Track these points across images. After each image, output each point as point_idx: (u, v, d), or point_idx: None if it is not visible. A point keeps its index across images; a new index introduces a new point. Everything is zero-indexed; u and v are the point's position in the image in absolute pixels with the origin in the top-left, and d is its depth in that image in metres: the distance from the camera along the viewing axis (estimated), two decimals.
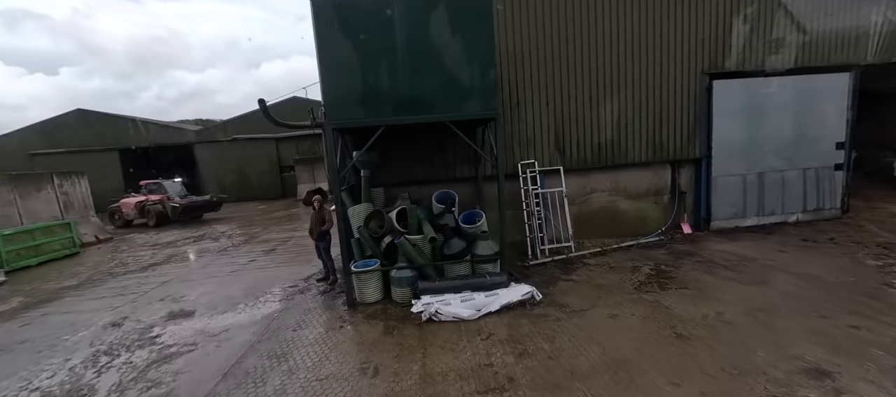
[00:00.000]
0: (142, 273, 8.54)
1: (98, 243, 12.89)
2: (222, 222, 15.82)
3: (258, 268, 8.09)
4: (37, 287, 8.01)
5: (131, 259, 10.09)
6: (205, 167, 24.26)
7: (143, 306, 6.26)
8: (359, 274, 5.49)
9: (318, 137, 24.25)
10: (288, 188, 24.45)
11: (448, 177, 7.30)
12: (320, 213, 6.46)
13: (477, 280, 5.34)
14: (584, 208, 7.82)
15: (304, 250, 9.36)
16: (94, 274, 8.82)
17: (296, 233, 11.67)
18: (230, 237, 12.14)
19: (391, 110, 5.09)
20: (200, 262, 9.04)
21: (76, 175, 13.17)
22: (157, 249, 11.04)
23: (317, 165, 23.30)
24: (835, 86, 7.84)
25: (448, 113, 5.17)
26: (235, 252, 9.90)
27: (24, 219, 11.27)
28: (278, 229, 12.91)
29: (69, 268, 9.65)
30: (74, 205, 12.92)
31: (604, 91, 7.38)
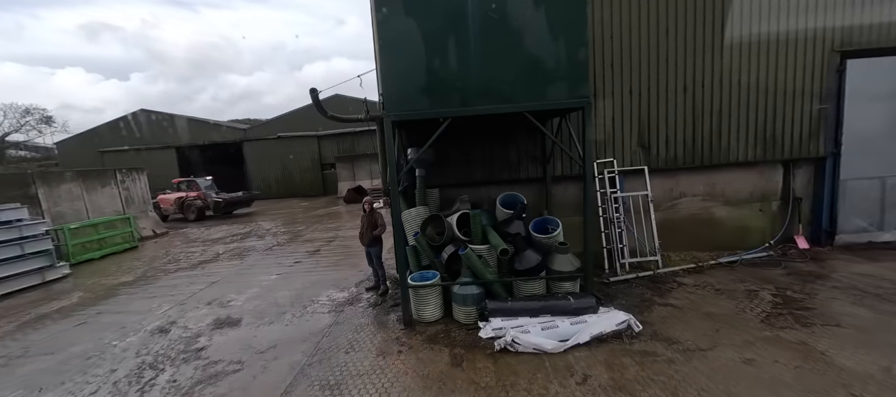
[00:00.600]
0: (192, 271, 8.47)
1: (155, 237, 13.36)
2: (267, 219, 16.00)
3: (304, 271, 7.69)
4: (97, 282, 8.14)
5: (183, 255, 10.18)
6: (252, 164, 25.07)
7: (191, 309, 5.99)
8: (417, 289, 4.79)
9: (359, 135, 24.26)
10: (329, 185, 24.68)
11: (511, 177, 6.43)
12: (371, 217, 5.84)
13: (558, 302, 4.44)
14: (671, 215, 6.63)
15: (350, 252, 8.90)
16: (149, 270, 8.90)
17: (339, 234, 11.33)
18: (275, 235, 12.05)
19: (459, 100, 4.31)
20: (247, 262, 8.85)
21: (136, 171, 13.75)
22: (206, 246, 11.14)
23: (357, 163, 23.27)
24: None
25: (527, 102, 4.30)
26: (281, 251, 9.66)
27: (90, 213, 11.83)
28: (321, 228, 12.69)
29: (127, 262, 9.89)
30: (134, 200, 13.49)
31: (702, 76, 6.15)
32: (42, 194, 10.53)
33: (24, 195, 10.17)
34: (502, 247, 4.58)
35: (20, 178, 10.21)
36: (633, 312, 4.51)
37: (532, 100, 4.31)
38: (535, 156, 6.33)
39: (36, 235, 8.27)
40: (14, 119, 38.38)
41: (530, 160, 6.38)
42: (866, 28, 6.03)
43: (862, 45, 6.06)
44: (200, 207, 16.65)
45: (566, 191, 6.58)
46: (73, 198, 11.35)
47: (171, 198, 17.18)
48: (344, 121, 5.59)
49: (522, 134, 6.30)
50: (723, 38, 6.08)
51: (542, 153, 6.28)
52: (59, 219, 10.85)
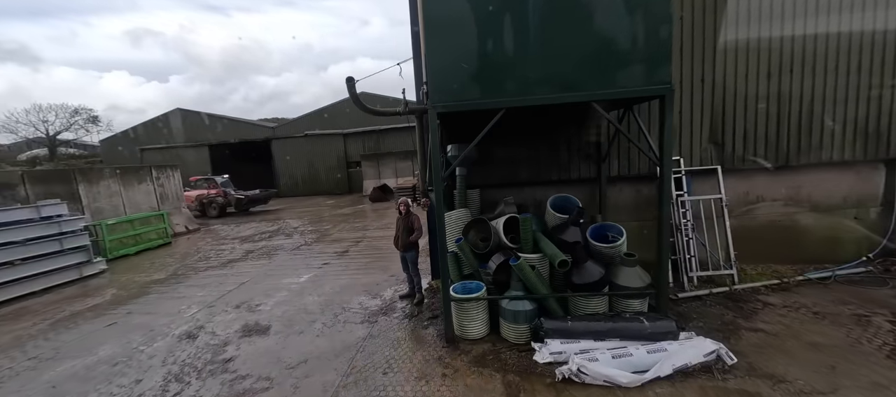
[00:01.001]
0: (221, 269, 8.33)
1: (187, 233, 13.55)
2: (294, 216, 15.98)
3: (333, 274, 7.34)
4: (130, 279, 8.14)
5: (213, 253, 10.13)
6: (280, 162, 25.41)
7: (219, 313, 5.73)
8: (461, 302, 4.26)
9: (384, 133, 24.04)
10: (354, 184, 24.65)
11: (560, 177, 5.79)
12: (407, 220, 5.37)
13: (629, 325, 3.79)
14: (745, 222, 5.78)
15: (379, 255, 8.50)
16: (180, 267, 8.85)
17: (367, 234, 11.00)
18: (302, 234, 11.88)
19: (516, 87, 3.73)
20: (275, 262, 8.63)
21: (170, 168, 13.99)
22: (236, 244, 11.09)
23: (382, 161, 23.08)
24: None
25: (594, 89, 3.67)
26: (308, 251, 9.41)
27: (127, 208, 12.07)
28: (348, 228, 12.42)
29: (160, 258, 9.94)
30: (169, 197, 13.72)
31: (790, 60, 5.28)
32: (83, 190, 10.78)
33: (67, 191, 10.43)
34: (561, 259, 3.97)
35: (63, 175, 10.49)
36: (718, 338, 3.80)
37: (601, 88, 3.67)
38: (588, 153, 5.65)
39: (74, 231, 8.36)
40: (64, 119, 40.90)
41: (582, 158, 5.71)
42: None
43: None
44: (222, 204, 17.30)
45: (621, 193, 5.86)
46: (111, 194, 11.60)
47: (192, 195, 17.60)
48: (381, 114, 5.12)
49: (574, 128, 5.64)
50: (816, 16, 5.18)
51: (596, 150, 5.60)
52: (98, 215, 11.09)
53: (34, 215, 7.85)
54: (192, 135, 25.74)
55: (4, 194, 9.04)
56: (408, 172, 22.85)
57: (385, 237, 10.32)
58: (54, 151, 39.65)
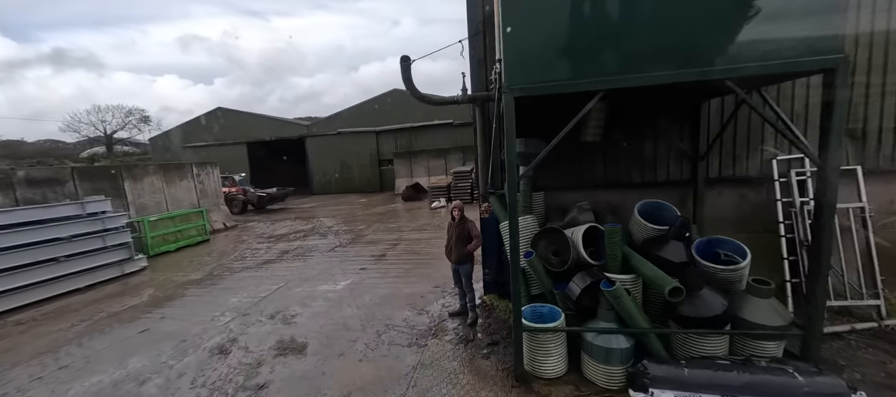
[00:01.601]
0: (257, 270, 8.00)
1: (225, 230, 13.60)
2: (328, 215, 15.75)
3: (371, 281, 6.75)
4: (168, 278, 7.98)
5: (249, 252, 9.91)
6: (314, 159, 25.58)
7: (253, 323, 5.27)
8: (535, 333, 3.45)
9: (417, 131, 23.49)
10: (386, 182, 24.35)
11: (644, 179, 4.82)
12: (462, 227, 4.60)
13: (776, 379, 2.82)
14: (891, 236, 4.54)
15: (418, 260, 7.84)
16: (216, 267, 8.64)
17: (403, 236, 10.40)
18: (337, 234, 11.49)
19: (619, 63, 2.86)
20: (310, 263, 8.19)
21: (210, 165, 14.12)
22: (271, 243, 10.86)
23: (415, 160, 22.59)
24: None
25: (730, 62, 2.73)
26: (344, 254, 8.92)
27: (169, 205, 12.20)
28: (383, 228, 11.90)
29: (199, 256, 9.84)
30: (208, 194, 13.84)
31: None
32: (128, 187, 10.94)
33: (114, 187, 10.60)
34: (673, 286, 3.05)
35: (110, 171, 10.68)
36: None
37: (738, 62, 2.72)
38: (682, 150, 4.64)
39: (117, 228, 8.33)
40: (119, 119, 43.91)
41: (673, 156, 4.71)
42: None
43: None
44: (244, 201, 17.96)
45: (720, 198, 4.80)
46: (154, 191, 11.75)
47: None
48: (436, 102, 4.40)
49: (663, 119, 4.65)
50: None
51: (692, 146, 4.58)
52: (142, 211, 11.24)
53: (80, 211, 7.85)
54: (231, 133, 26.49)
55: (55, 189, 9.22)
56: (440, 171, 22.21)
57: (422, 240, 9.68)
58: (111, 149, 42.66)
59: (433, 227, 11.30)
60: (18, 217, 6.91)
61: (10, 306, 6.41)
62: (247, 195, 18.19)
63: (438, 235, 10.09)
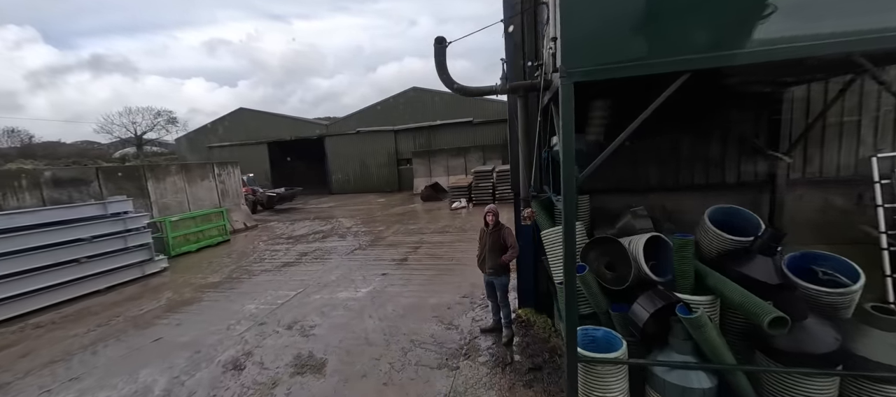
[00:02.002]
0: (276, 274, 7.73)
1: (245, 230, 13.56)
2: (346, 215, 15.53)
3: (394, 288, 6.33)
4: (187, 280, 7.82)
5: (268, 254, 9.71)
6: (332, 159, 25.57)
7: (269, 334, 4.93)
8: (592, 364, 2.91)
9: (436, 130, 23.07)
10: (404, 182, 24.05)
11: (709, 180, 4.19)
12: (496, 235, 4.10)
13: None
14: None
15: (442, 266, 7.37)
16: (235, 269, 8.44)
17: (424, 239, 9.96)
18: (356, 236, 11.17)
19: (706, 40, 2.29)
20: (329, 266, 7.86)
21: (231, 165, 14.12)
22: (290, 244, 10.64)
23: (434, 159, 22.17)
24: None
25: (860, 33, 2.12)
26: (364, 257, 8.56)
27: (191, 205, 12.21)
28: (403, 230, 11.51)
29: (218, 257, 9.71)
30: (229, 193, 13.83)
31: None
32: (151, 186, 10.97)
33: (137, 187, 10.64)
34: (775, 315, 2.45)
35: (134, 171, 10.72)
36: None
37: (873, 30, 2.11)
38: (758, 147, 3.98)
39: (138, 228, 8.25)
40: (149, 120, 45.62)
41: (746, 153, 4.05)
42: None
43: None
44: (253, 201, 18.19)
45: (801, 202, 4.11)
46: (177, 191, 11.77)
47: None
48: (472, 93, 3.87)
49: (734, 110, 4.01)
50: None
51: (771, 142, 3.91)
52: (164, 211, 11.26)
53: (102, 212, 7.79)
54: (253, 133, 26.82)
55: (80, 189, 9.26)
56: (460, 170, 21.70)
57: (445, 244, 9.21)
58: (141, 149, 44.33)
59: (455, 229, 10.82)
60: (42, 217, 6.86)
61: (32, 308, 6.35)
62: (256, 195, 18.59)
63: (461, 238, 9.60)
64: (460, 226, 11.39)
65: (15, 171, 8.19)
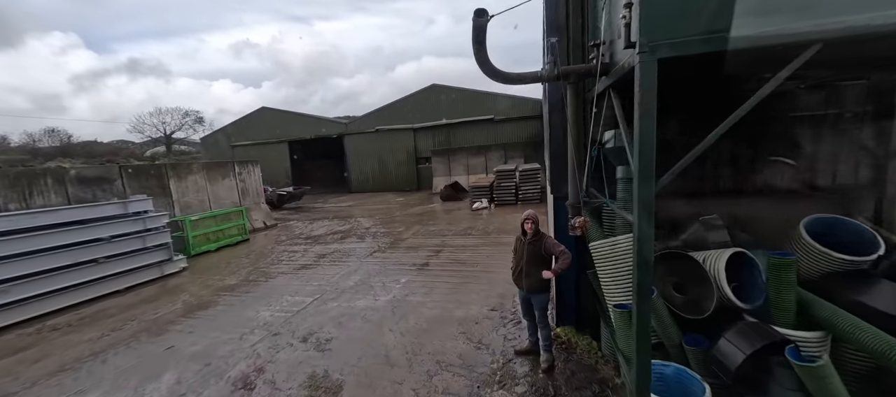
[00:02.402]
0: (293, 277, 7.44)
1: (265, 229, 13.48)
2: (365, 214, 15.25)
3: (416, 297, 5.88)
4: (204, 282, 7.64)
5: (285, 255, 9.48)
6: (352, 157, 25.48)
7: (283, 346, 4.57)
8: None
9: (455, 127, 22.56)
10: (423, 180, 23.67)
11: (792, 183, 3.50)
12: (537, 246, 3.54)
13: None
14: None
15: (467, 274, 6.87)
16: (253, 270, 8.22)
17: (446, 242, 9.48)
18: (375, 236, 10.82)
19: None
20: (348, 269, 7.50)
21: (251, 163, 14.08)
22: (308, 244, 10.40)
23: (453, 157, 21.67)
24: None
25: None
26: (383, 260, 8.17)
27: (212, 203, 12.19)
28: (423, 231, 11.07)
29: (237, 257, 9.56)
30: (249, 192, 13.79)
31: None
32: (173, 185, 10.97)
33: (159, 185, 10.65)
34: None
35: (156, 169, 10.74)
36: None
37: None
38: (862, 143, 3.26)
39: (158, 228, 8.14)
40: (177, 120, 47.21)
41: (845, 148, 3.34)
42: None
43: None
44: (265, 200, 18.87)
45: None
46: (198, 189, 11.77)
47: None
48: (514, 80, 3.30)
49: (832, 96, 3.31)
50: None
51: (880, 139, 3.19)
52: (186, 209, 11.26)
53: (122, 211, 7.71)
54: (274, 132, 27.10)
55: (104, 188, 9.29)
56: (480, 169, 21.12)
57: (468, 248, 8.70)
58: (170, 148, 45.94)
59: (478, 232, 10.30)
60: (62, 217, 6.79)
61: (50, 309, 6.27)
62: (267, 194, 18.81)
63: (485, 241, 9.07)
64: (483, 228, 10.85)
65: (41, 170, 8.24)
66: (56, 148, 36.32)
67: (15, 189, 7.82)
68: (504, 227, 10.63)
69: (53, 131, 39.83)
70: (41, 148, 36.36)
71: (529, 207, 14.89)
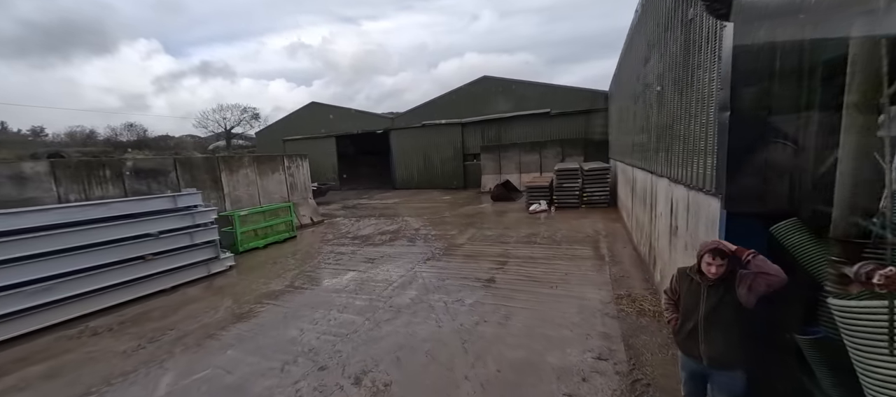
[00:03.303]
0: (340, 283, 6.62)
1: (312, 225, 13.07)
2: (412, 213, 14.38)
3: (489, 328, 4.71)
4: (248, 285, 7.06)
5: (332, 257, 8.77)
6: (397, 153, 24.94)
7: (332, 390, 3.61)
8: None
9: (507, 122, 21.02)
10: (470, 178, 22.49)
11: None
12: (727, 290, 2.17)
13: None
14: None
15: (544, 292, 5.56)
16: (299, 274, 7.55)
17: (509, 250, 8.22)
18: (426, 240, 9.82)
19: None
20: (400, 279, 6.53)
21: (300, 157, 13.74)
22: (356, 246, 9.64)
23: (504, 154, 20.23)
24: None
25: None
26: (439, 270, 7.09)
27: (261, 198, 11.93)
28: (480, 236, 9.89)
29: (284, 256, 9.03)
30: (297, 187, 13.46)
31: None
32: (224, 179, 10.76)
33: (212, 179, 10.47)
34: None
35: (209, 162, 10.58)
36: None
37: None
38: None
39: (206, 223, 7.73)
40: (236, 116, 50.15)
41: None
42: None
43: None
44: None
45: None
46: (248, 183, 11.53)
47: None
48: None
49: None
50: None
51: None
52: (236, 203, 11.03)
53: (171, 205, 7.34)
54: (323, 127, 27.34)
55: (159, 180, 9.16)
56: (533, 167, 19.50)
57: (537, 260, 7.38)
58: (229, 142, 48.94)
59: (544, 240, 8.91)
60: (112, 210, 6.47)
61: (95, 308, 5.92)
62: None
63: (556, 253, 7.68)
64: (548, 234, 9.43)
65: (97, 162, 8.17)
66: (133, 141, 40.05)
67: (76, 180, 7.76)
68: (573, 235, 9.14)
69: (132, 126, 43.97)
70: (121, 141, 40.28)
71: (595, 211, 12.91)
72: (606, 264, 6.84)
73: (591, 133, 18.84)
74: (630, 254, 7.40)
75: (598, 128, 18.71)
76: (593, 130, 18.83)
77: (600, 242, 8.42)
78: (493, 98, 21.22)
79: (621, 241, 8.39)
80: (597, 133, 18.68)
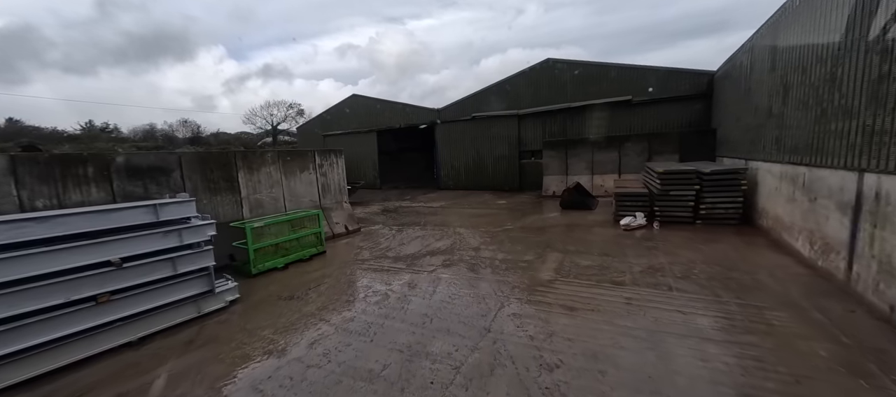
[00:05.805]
0: (378, 350, 4.11)
1: (346, 235, 10.88)
2: (464, 222, 11.69)
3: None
4: (256, 326, 4.78)
5: (367, 277, 6.35)
6: (443, 149, 22.45)
7: None
8: None
9: (575, 113, 17.52)
10: (527, 179, 19.42)
11: None
12: None
13: None
14: None
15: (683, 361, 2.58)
16: (323, 311, 5.19)
17: (632, 299, 5.25)
18: (494, 268, 7.10)
19: None
20: (471, 347, 3.88)
21: (334, 153, 11.60)
22: (398, 269, 7.14)
23: (572, 151, 16.93)
24: None
25: None
26: (532, 326, 4.33)
27: (287, 202, 9.89)
28: (570, 265, 6.97)
29: (305, 285, 6.76)
30: (330, 188, 11.33)
31: None
32: (242, 178, 8.80)
33: (226, 178, 8.53)
34: None
35: (223, 159, 8.63)
36: None
37: None
38: None
39: (199, 243, 5.61)
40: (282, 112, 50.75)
41: None
42: None
43: None
44: None
45: None
46: (271, 184, 9.52)
47: None
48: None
49: None
50: None
51: None
52: (256, 208, 9.05)
53: (150, 218, 5.27)
54: (364, 121, 25.58)
55: (159, 180, 7.30)
56: (610, 168, 16.02)
57: (690, 329, 4.36)
58: (275, 138, 49.63)
59: (680, 280, 5.81)
60: (65, 226, 4.45)
61: (28, 374, 3.89)
62: None
63: (724, 310, 4.58)
64: (682, 272, 6.29)
65: (77, 158, 6.37)
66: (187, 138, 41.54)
67: (46, 182, 5.99)
68: (726, 276, 5.95)
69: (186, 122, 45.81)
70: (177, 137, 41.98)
71: (719, 231, 8.95)
72: (863, 356, 3.67)
73: (692, 124, 15.00)
74: (870, 325, 4.14)
75: (699, 118, 14.83)
76: (694, 121, 14.97)
77: (792, 292, 5.17)
78: (558, 84, 17.93)
79: (819, 293, 5.08)
80: (698, 125, 14.82)
